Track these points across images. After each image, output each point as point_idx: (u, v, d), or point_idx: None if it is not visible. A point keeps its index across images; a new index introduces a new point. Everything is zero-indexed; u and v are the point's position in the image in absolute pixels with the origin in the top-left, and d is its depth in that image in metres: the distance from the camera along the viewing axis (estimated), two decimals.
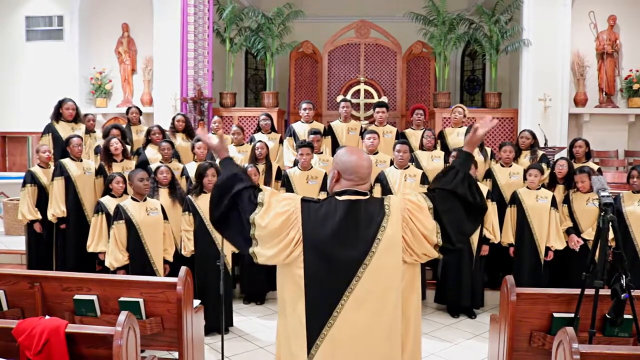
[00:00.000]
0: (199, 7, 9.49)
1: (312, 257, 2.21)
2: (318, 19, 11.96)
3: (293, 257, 2.23)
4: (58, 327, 2.93)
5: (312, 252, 2.21)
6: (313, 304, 2.20)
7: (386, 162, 6.15)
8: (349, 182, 2.34)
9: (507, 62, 11.08)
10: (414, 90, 11.19)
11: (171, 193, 5.40)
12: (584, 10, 9.59)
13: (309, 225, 2.23)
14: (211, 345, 4.74)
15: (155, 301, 3.71)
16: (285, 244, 2.23)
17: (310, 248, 2.21)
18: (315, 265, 2.21)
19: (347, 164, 2.35)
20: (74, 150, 5.81)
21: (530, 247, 5.54)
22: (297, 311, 2.23)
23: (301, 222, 2.23)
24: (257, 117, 7.58)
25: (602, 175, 5.26)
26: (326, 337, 2.19)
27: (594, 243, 3.49)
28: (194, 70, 9.48)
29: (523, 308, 3.50)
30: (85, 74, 10.27)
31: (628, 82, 9.56)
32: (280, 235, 2.23)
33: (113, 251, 4.75)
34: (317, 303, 2.20)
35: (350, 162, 2.34)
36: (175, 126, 7.02)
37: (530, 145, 6.39)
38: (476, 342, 5.01)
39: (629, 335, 3.38)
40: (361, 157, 2.38)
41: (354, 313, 2.19)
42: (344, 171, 2.35)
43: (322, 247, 2.21)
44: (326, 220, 2.23)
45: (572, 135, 9.03)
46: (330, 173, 2.42)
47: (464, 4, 12.16)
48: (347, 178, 2.34)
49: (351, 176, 2.33)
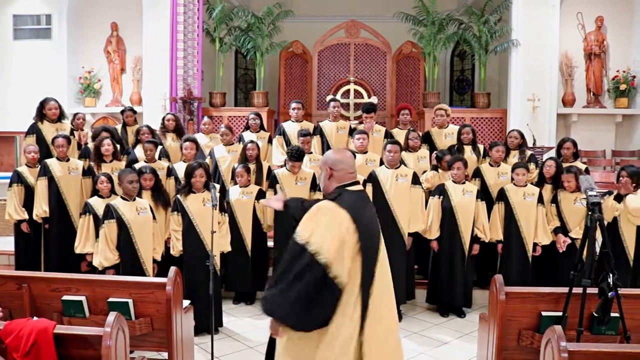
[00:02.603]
0: (189, 7, 9.46)
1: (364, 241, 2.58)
2: (308, 19, 11.95)
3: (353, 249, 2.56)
4: (46, 328, 2.91)
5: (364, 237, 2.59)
6: (365, 277, 2.58)
7: (375, 160, 6.16)
8: (342, 172, 2.71)
9: (496, 63, 11.14)
10: (404, 90, 11.21)
11: (154, 196, 5.36)
12: (572, 11, 9.66)
13: (360, 223, 2.58)
14: (201, 345, 4.73)
15: (144, 302, 3.70)
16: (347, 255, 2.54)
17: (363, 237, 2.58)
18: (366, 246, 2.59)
19: (335, 158, 2.75)
20: (58, 151, 5.78)
21: (517, 243, 5.60)
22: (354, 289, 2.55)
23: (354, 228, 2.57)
24: (246, 117, 7.57)
25: (589, 175, 5.29)
26: (370, 299, 2.57)
27: (582, 242, 3.52)
28: (183, 70, 9.45)
29: (512, 307, 3.52)
30: (74, 73, 10.19)
31: (615, 82, 9.65)
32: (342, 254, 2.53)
33: (103, 250, 4.72)
34: (368, 275, 2.58)
35: (336, 156, 2.77)
36: (165, 126, 7.00)
37: (518, 145, 6.43)
38: (465, 341, 5.03)
39: (616, 333, 3.41)
40: (343, 151, 2.86)
41: (380, 276, 2.63)
42: (334, 164, 2.72)
43: (368, 230, 2.62)
44: (364, 210, 2.67)
45: (560, 135, 9.10)
46: (322, 173, 2.76)
47: (454, 5, 12.21)
48: (339, 168, 2.71)
49: (342, 165, 2.72)
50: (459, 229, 5.58)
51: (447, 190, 5.61)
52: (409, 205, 5.57)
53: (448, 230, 5.63)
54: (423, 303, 5.98)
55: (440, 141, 6.79)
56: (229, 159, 6.54)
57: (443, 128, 6.90)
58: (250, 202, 5.80)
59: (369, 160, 6.12)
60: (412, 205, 5.59)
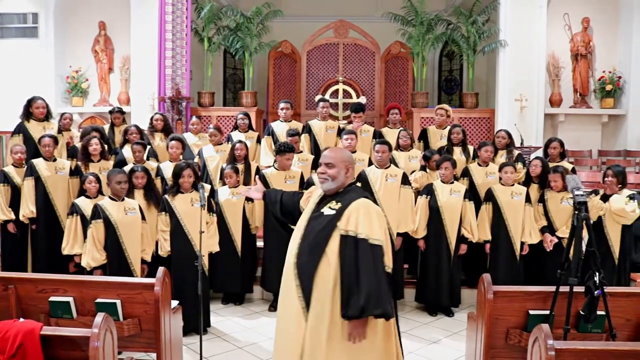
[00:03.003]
0: (177, 6, 9.42)
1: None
2: (297, 19, 11.95)
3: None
4: (33, 330, 2.89)
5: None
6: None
7: (364, 160, 6.18)
8: (353, 171, 3.05)
9: (484, 63, 11.20)
10: (392, 90, 11.25)
11: (146, 195, 5.34)
12: (558, 12, 9.73)
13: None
14: (189, 346, 4.71)
15: (132, 302, 3.68)
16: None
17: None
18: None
19: (351, 156, 3.11)
20: (44, 151, 5.73)
21: (505, 243, 5.63)
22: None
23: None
24: (235, 117, 7.55)
25: (576, 175, 5.35)
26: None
27: (569, 241, 3.55)
28: (171, 70, 9.41)
29: (500, 306, 3.54)
30: (61, 72, 10.11)
31: (601, 83, 9.74)
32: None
33: (90, 251, 4.69)
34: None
35: (350, 154, 3.13)
36: (153, 125, 6.98)
37: (506, 144, 6.47)
38: (454, 340, 5.05)
39: (602, 331, 3.43)
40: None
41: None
42: (351, 162, 3.04)
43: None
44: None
45: (547, 134, 9.17)
46: (341, 170, 2.95)
47: (442, 5, 12.26)
48: (353, 167, 3.05)
49: (354, 164, 3.11)
50: (445, 228, 5.60)
51: (435, 189, 5.64)
52: (398, 205, 5.58)
53: (434, 229, 5.65)
54: (412, 302, 6.00)
55: (435, 140, 6.82)
56: (217, 159, 6.53)
57: (442, 128, 6.93)
58: (240, 202, 5.79)
59: (357, 160, 6.11)
60: (402, 206, 5.61)
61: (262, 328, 5.30)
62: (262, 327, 5.32)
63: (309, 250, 2.83)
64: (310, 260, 2.81)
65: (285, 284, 2.91)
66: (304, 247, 2.86)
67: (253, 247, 6.05)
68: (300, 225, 2.98)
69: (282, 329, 2.93)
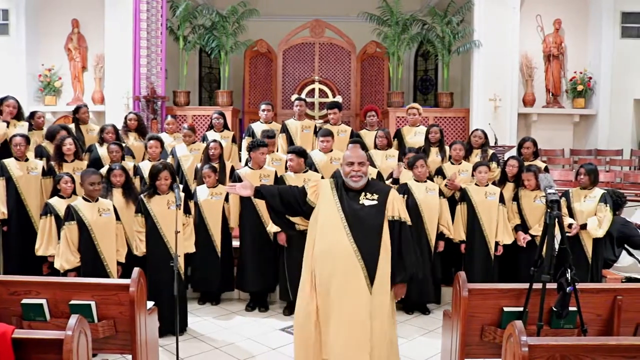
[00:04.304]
0: (152, 4, 9.34)
1: None
2: (272, 18, 11.93)
3: None
4: (4, 333, 2.83)
5: None
6: None
7: (340, 159, 6.18)
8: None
9: (459, 63, 11.32)
10: (368, 90, 11.30)
11: (125, 193, 5.28)
12: (531, 13, 9.90)
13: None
14: (166, 347, 4.68)
15: (107, 303, 3.63)
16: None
17: None
18: None
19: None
20: (15, 150, 5.63)
21: (480, 242, 5.68)
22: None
23: None
24: (210, 116, 7.51)
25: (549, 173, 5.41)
26: None
27: (542, 239, 3.60)
28: (146, 68, 9.33)
29: (475, 303, 3.58)
30: (33, 70, 9.94)
31: (573, 83, 9.93)
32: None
33: (64, 253, 4.61)
34: None
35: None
36: (127, 125, 6.89)
37: (481, 144, 6.55)
38: (430, 337, 5.10)
39: (574, 327, 3.50)
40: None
41: None
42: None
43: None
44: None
45: (521, 134, 9.32)
46: (367, 168, 3.54)
47: (417, 5, 12.35)
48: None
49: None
50: (425, 226, 5.64)
51: (411, 188, 5.67)
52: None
53: (415, 228, 5.67)
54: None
55: (410, 138, 6.86)
56: (191, 158, 6.48)
57: (414, 126, 6.99)
58: (220, 202, 5.75)
59: (333, 159, 6.15)
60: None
61: (239, 328, 5.28)
62: (238, 327, 5.31)
63: (367, 236, 3.39)
64: (372, 245, 3.39)
65: (340, 270, 3.37)
66: (359, 235, 3.38)
67: (230, 247, 6.03)
68: (336, 219, 3.42)
69: (343, 305, 3.35)
